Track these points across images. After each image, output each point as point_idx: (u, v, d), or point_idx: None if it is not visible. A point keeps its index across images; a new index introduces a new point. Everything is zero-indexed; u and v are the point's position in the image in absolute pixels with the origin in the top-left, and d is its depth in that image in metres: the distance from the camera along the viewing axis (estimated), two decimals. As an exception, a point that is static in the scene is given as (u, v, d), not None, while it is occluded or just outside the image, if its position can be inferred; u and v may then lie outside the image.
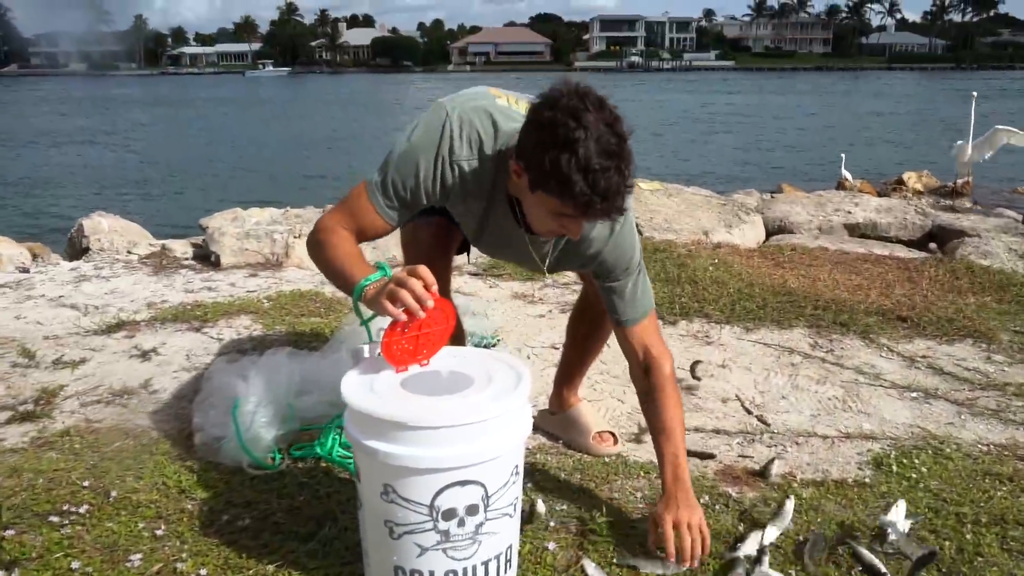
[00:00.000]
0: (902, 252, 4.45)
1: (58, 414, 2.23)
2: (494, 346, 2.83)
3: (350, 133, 21.37)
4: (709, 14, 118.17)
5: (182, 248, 4.47)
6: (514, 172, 1.47)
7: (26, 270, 4.05)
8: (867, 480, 1.92)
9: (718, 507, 1.79)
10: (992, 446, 2.12)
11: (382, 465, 1.32)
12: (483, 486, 1.34)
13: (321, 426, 2.01)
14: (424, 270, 1.38)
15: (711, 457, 2.05)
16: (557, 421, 2.17)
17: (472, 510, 1.35)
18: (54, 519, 1.68)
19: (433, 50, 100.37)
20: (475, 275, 3.82)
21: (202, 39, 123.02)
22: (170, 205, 11.10)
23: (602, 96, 1.40)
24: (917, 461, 2.00)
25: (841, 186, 8.19)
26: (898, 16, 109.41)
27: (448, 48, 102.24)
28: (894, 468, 1.97)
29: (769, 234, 5.00)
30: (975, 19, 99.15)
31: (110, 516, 1.71)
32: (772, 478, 1.92)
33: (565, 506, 1.78)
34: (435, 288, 1.38)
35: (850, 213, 5.21)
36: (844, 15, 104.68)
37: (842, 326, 3.03)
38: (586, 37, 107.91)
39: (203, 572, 1.52)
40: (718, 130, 22.17)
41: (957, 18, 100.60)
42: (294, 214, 4.74)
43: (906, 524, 1.66)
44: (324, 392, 2.07)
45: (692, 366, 2.60)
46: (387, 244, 3.42)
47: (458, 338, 1.95)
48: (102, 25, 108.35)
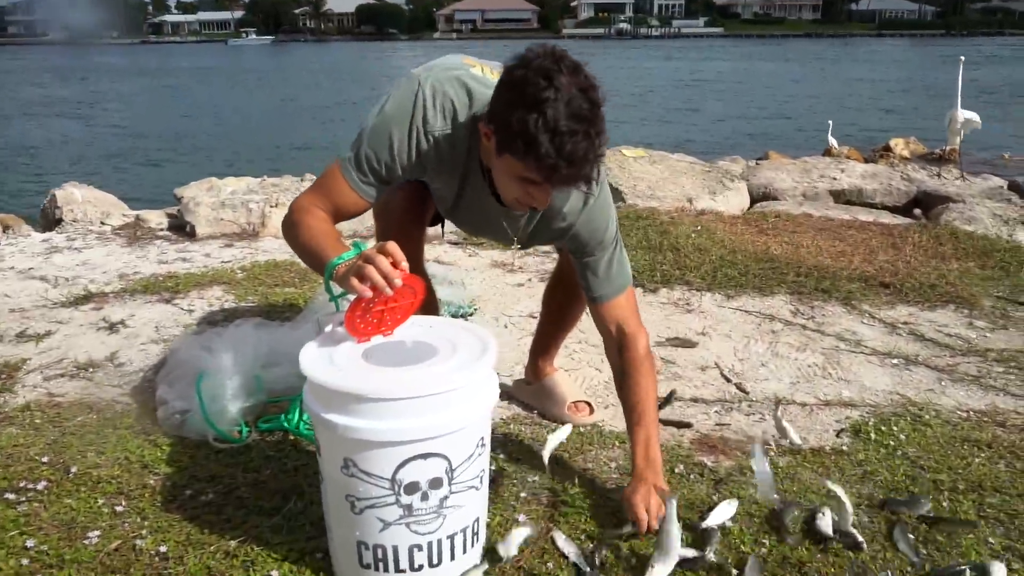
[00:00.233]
0: (887, 218, 4.41)
1: (20, 388, 2.17)
2: (471, 315, 2.78)
3: (334, 102, 21.07)
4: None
5: (157, 219, 4.38)
6: (484, 135, 1.42)
7: (-4, 242, 3.96)
8: (844, 448, 1.90)
9: (693, 476, 1.76)
10: (972, 412, 2.10)
11: (341, 439, 1.27)
12: (447, 459, 1.30)
13: (290, 398, 1.96)
14: (393, 247, 1.33)
15: (688, 426, 2.02)
16: (532, 391, 2.13)
17: (436, 483, 1.30)
18: (10, 496, 1.63)
19: (419, 17, 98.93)
20: (455, 244, 3.76)
21: (184, 7, 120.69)
22: (148, 176, 10.91)
23: (579, 61, 1.35)
24: (895, 428, 1.98)
25: (828, 153, 8.15)
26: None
27: (434, 15, 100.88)
28: (872, 436, 1.94)
29: (754, 201, 4.95)
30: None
31: (69, 492, 1.66)
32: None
33: (537, 477, 1.75)
34: (404, 265, 1.33)
35: (835, 179, 5.16)
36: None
37: (824, 293, 3.00)
38: (574, 4, 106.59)
39: (163, 549, 1.48)
40: (706, 98, 21.98)
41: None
42: (271, 183, 4.65)
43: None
44: (293, 364, 1.97)
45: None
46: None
47: (431, 307, 1.90)
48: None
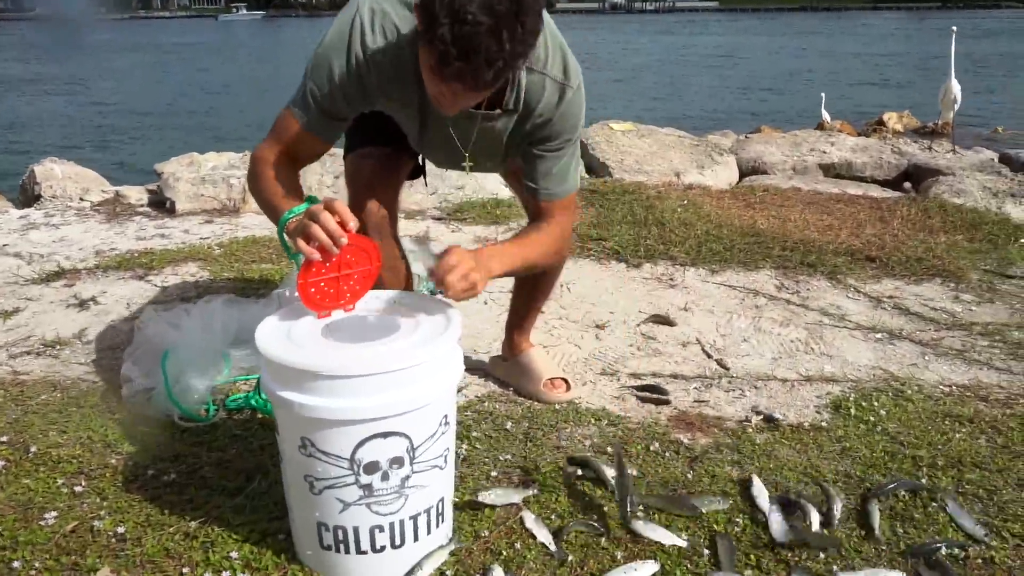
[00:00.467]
0: (876, 192, 4.37)
1: (-17, 366, 2.12)
2: (450, 291, 2.73)
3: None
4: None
5: (137, 195, 4.30)
6: (418, 23, 1.29)
7: (-29, 219, 3.89)
8: (824, 424, 1.86)
9: (668, 454, 1.72)
10: (954, 387, 2.07)
11: (298, 417, 1.23)
12: (408, 437, 1.26)
13: (259, 376, 1.91)
14: (340, 204, 1.27)
15: (666, 403, 1.98)
16: (508, 368, 2.09)
17: (396, 463, 1.26)
18: (-34, 477, 1.59)
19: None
20: (438, 219, 3.71)
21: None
22: (132, 152, 10.78)
23: None
24: (876, 404, 1.94)
25: (821, 127, 8.08)
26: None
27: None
28: (852, 411, 1.91)
29: (743, 175, 4.89)
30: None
31: (28, 472, 1.62)
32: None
33: (509, 455, 1.71)
34: (353, 225, 1.28)
35: (825, 153, 5.10)
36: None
37: (809, 267, 2.95)
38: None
39: (121, 530, 1.44)
40: (700, 72, 21.82)
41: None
42: (253, 158, 4.56)
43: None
44: (263, 341, 1.97)
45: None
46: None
47: (405, 282, 1.85)
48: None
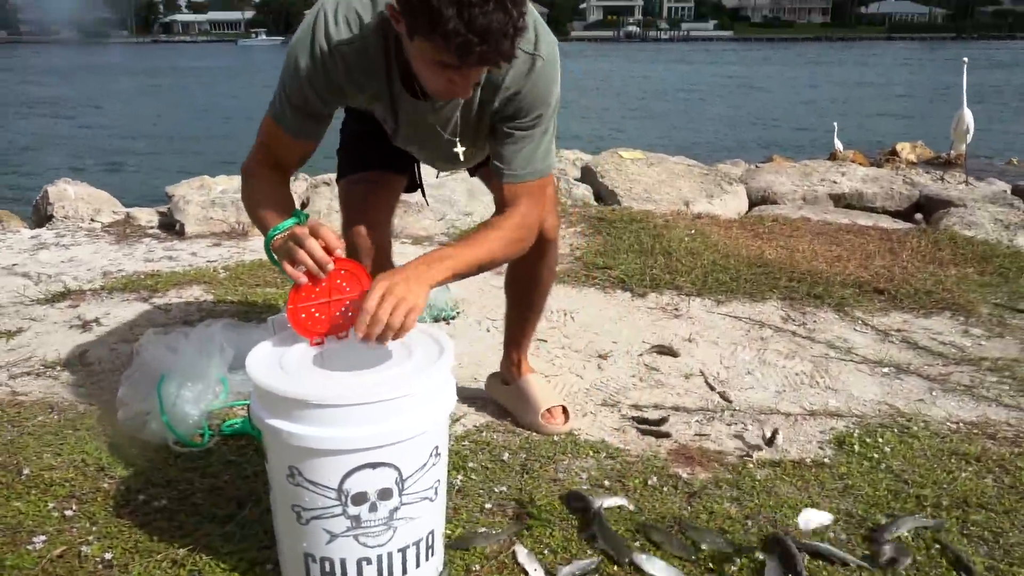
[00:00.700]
0: (886, 223, 4.33)
1: (-17, 387, 2.12)
2: (453, 319, 2.72)
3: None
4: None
5: (147, 216, 4.34)
6: (393, 20, 1.29)
7: (-17, 238, 3.93)
8: (826, 460, 1.83)
9: (666, 489, 1.69)
10: (962, 424, 2.03)
11: (286, 446, 1.22)
12: (397, 468, 1.24)
13: (255, 401, 1.90)
14: (326, 230, 1.27)
15: (666, 436, 1.95)
16: (507, 392, 2.06)
17: (385, 494, 1.25)
18: (-43, 499, 1.58)
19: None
20: (444, 245, 3.70)
21: (194, 7, 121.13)
22: (145, 174, 10.90)
23: None
24: (881, 440, 1.91)
25: (834, 156, 8.05)
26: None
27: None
28: (856, 447, 1.87)
29: (752, 204, 4.87)
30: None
31: (19, 495, 1.61)
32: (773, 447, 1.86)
33: (505, 487, 1.69)
34: (339, 251, 1.27)
35: (836, 183, 5.08)
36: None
37: (816, 299, 2.92)
38: (583, 6, 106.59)
39: (108, 556, 1.43)
40: (713, 101, 21.91)
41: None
42: (263, 181, 4.60)
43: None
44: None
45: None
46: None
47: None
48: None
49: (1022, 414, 2.08)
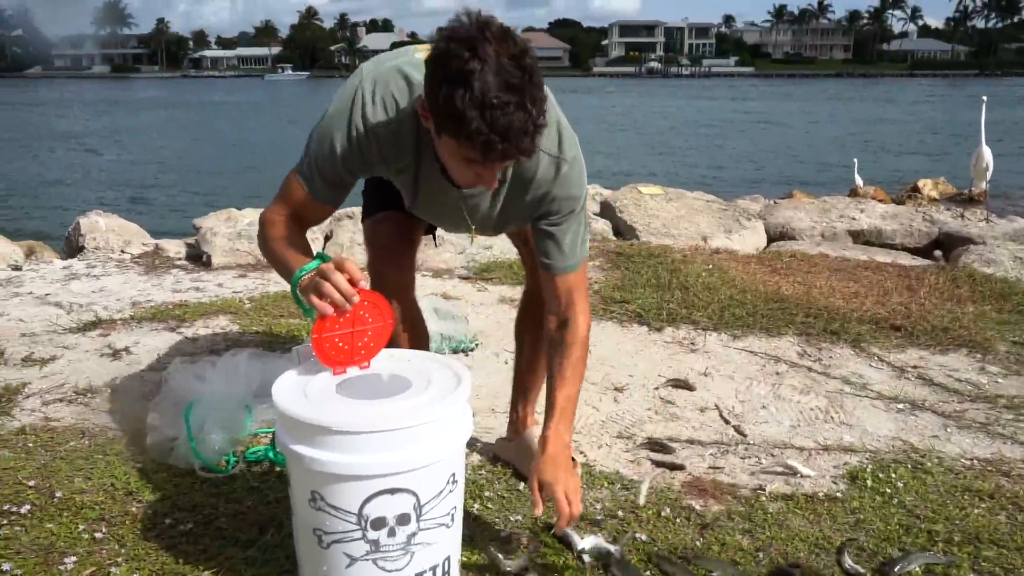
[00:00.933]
0: (905, 260, 4.34)
1: (17, 412, 2.20)
2: (472, 350, 2.77)
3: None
4: (729, 20, 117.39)
5: (175, 248, 4.45)
6: (423, 117, 1.36)
7: (18, 268, 4.05)
8: (839, 495, 1.84)
9: (679, 520, 1.72)
10: (976, 460, 2.03)
11: (308, 471, 1.26)
12: (415, 495, 1.29)
13: (279, 429, 1.95)
14: (350, 264, 1.33)
15: (680, 468, 1.98)
16: (513, 449, 2.01)
17: (403, 519, 1.29)
18: (-7, 519, 1.65)
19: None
20: (465, 279, 3.77)
21: (223, 42, 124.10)
22: (176, 207, 11.13)
23: (508, 27, 1.27)
24: (894, 476, 1.92)
25: (854, 193, 8.07)
26: (920, 23, 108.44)
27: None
28: (869, 483, 1.89)
29: (771, 240, 4.91)
30: (999, 25, 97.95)
31: (52, 517, 1.67)
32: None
33: (520, 516, 1.72)
34: (364, 284, 1.33)
35: (854, 219, 5.10)
36: (865, 21, 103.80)
37: (833, 334, 2.94)
38: (605, 43, 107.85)
39: (136, 578, 1.48)
40: (734, 136, 22.00)
41: (980, 24, 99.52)
42: (288, 215, 4.70)
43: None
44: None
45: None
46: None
47: (421, 341, 1.89)
48: (125, 28, 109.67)
49: (1038, 452, 2.08)
